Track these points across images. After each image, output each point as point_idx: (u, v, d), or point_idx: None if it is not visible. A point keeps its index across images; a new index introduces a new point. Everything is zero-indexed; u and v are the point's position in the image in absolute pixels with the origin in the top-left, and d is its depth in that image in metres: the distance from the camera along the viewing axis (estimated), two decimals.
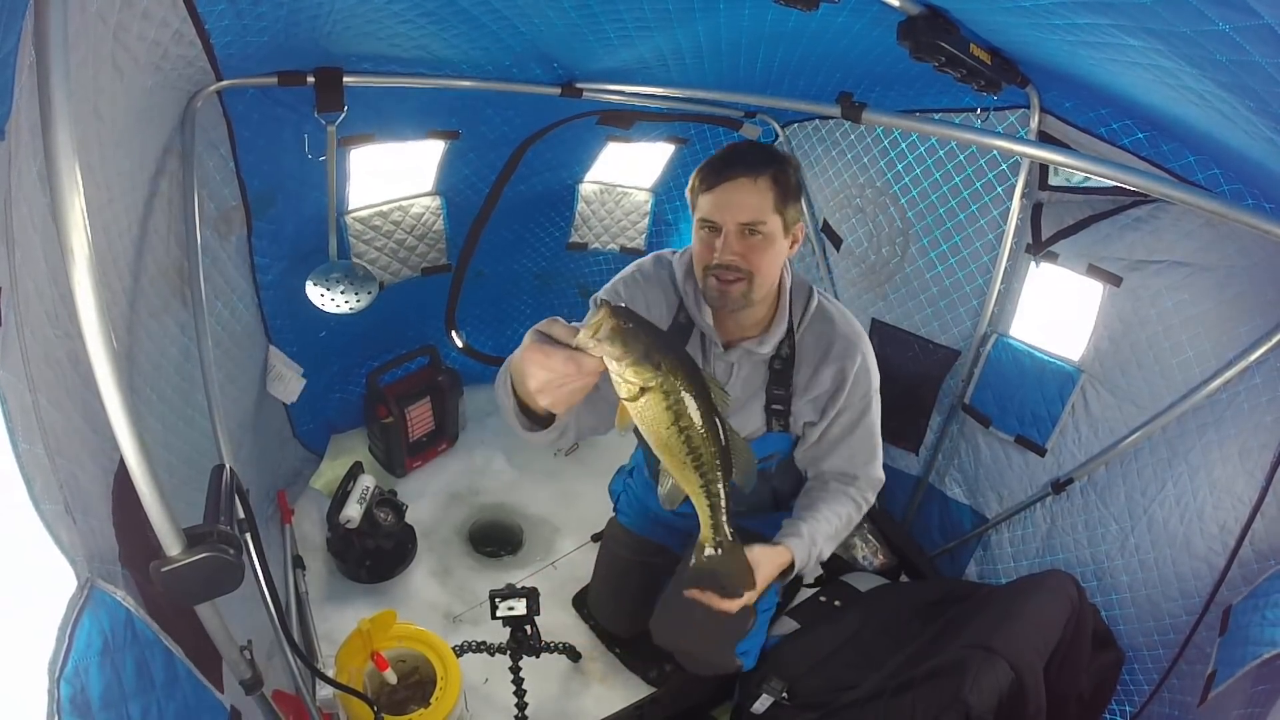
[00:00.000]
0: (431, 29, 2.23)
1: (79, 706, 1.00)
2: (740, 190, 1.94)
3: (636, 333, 1.27)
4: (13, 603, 1.02)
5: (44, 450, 1.07)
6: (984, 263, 3.02)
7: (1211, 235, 2.36)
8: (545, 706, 2.86)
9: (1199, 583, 2.41)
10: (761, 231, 1.96)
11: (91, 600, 1.07)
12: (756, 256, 1.98)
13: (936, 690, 2.16)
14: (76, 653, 1.01)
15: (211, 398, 2.11)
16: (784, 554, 2.09)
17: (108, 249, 1.62)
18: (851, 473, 2.36)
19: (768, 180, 1.94)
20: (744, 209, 1.94)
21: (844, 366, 2.19)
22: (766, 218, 1.95)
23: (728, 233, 1.96)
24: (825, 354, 2.20)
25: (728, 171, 1.95)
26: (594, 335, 1.25)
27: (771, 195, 1.94)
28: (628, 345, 1.26)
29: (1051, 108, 2.44)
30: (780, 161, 1.98)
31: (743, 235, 1.96)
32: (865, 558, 3.46)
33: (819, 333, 2.21)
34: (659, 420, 1.35)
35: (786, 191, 1.96)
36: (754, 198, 1.93)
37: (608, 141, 3.68)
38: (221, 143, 2.39)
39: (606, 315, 1.25)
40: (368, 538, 3.19)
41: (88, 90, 1.41)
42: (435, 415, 3.95)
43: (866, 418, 2.32)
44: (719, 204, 1.96)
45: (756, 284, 2.01)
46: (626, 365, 1.27)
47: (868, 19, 2.04)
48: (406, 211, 3.40)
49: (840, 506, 2.28)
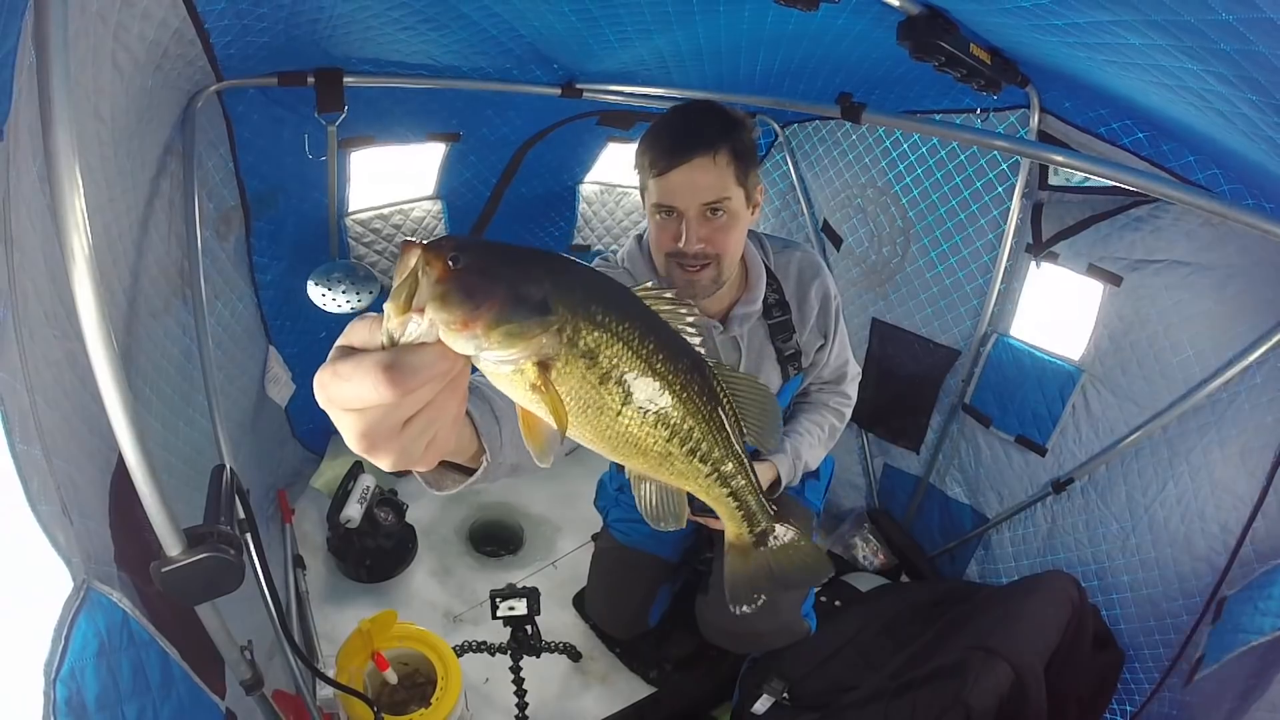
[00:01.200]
0: (432, 34, 2.23)
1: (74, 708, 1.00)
2: (698, 170, 1.75)
3: (485, 265, 0.69)
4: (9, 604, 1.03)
5: (41, 451, 1.07)
6: (984, 262, 3.02)
7: (1211, 235, 2.36)
8: (546, 706, 2.86)
9: (1200, 582, 2.41)
10: (725, 209, 1.81)
11: (88, 602, 1.07)
12: (722, 237, 1.84)
13: (937, 691, 2.17)
14: (72, 654, 1.01)
15: (212, 398, 2.11)
16: (769, 470, 2.11)
17: (108, 249, 1.62)
18: (837, 374, 2.37)
19: (727, 154, 1.76)
20: (705, 190, 1.78)
21: (823, 282, 2.17)
22: (730, 193, 1.79)
23: (689, 219, 1.80)
24: (801, 278, 2.15)
25: (683, 153, 1.75)
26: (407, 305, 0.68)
27: (733, 169, 1.78)
28: (477, 294, 0.67)
29: (1051, 108, 2.44)
30: (735, 127, 1.80)
31: (705, 218, 1.81)
32: (866, 558, 3.47)
33: (788, 262, 2.15)
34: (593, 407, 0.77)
35: (747, 159, 1.81)
36: (714, 177, 1.76)
37: (608, 142, 3.68)
38: (221, 143, 2.39)
39: (421, 259, 0.68)
40: (368, 537, 3.19)
41: (88, 90, 1.41)
42: None
43: (840, 323, 2.28)
44: (676, 188, 1.79)
45: (725, 265, 1.89)
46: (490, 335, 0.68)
47: (868, 19, 2.04)
48: (407, 215, 3.39)
49: (822, 418, 2.33)
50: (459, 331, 0.66)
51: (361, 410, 0.67)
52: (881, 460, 3.74)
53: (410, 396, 0.66)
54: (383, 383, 0.64)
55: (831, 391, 2.38)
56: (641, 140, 1.85)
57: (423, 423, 0.70)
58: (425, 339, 0.67)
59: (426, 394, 0.68)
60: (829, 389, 2.39)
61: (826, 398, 2.37)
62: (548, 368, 0.71)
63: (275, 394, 3.07)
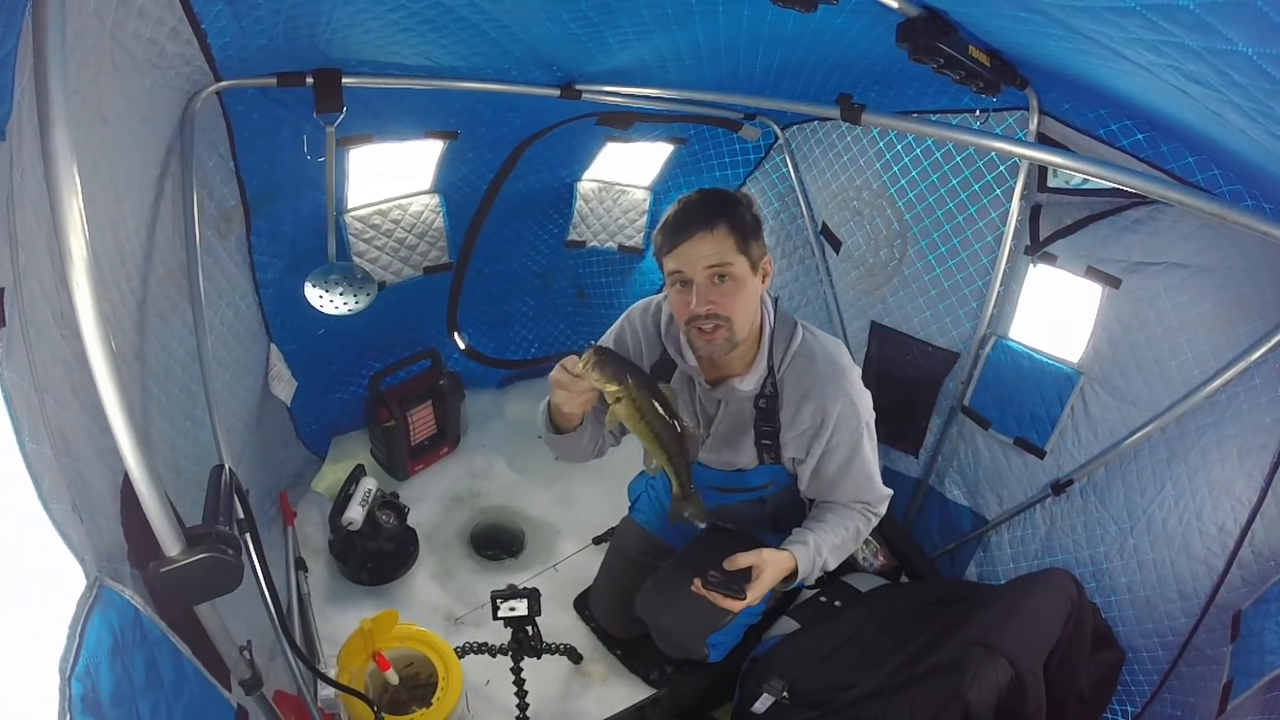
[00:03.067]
0: (431, 36, 2.24)
1: (90, 705, 1.00)
2: (699, 244, 2.03)
3: (608, 362, 1.95)
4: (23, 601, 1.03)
5: (51, 450, 1.07)
6: (983, 265, 3.03)
7: (1211, 237, 2.36)
8: (546, 707, 2.86)
9: (1198, 584, 2.41)
10: (730, 274, 2.06)
11: (100, 599, 1.08)
12: (730, 301, 2.07)
13: (936, 687, 2.17)
14: (87, 651, 1.02)
15: (211, 397, 2.10)
16: (788, 560, 2.23)
17: (116, 250, 1.62)
18: (858, 499, 2.44)
19: (724, 229, 2.03)
20: (708, 257, 2.03)
21: (825, 405, 2.27)
22: (731, 259, 2.04)
23: (698, 284, 2.06)
24: (806, 393, 2.27)
25: (683, 231, 2.05)
26: (584, 365, 1.95)
27: (732, 240, 2.04)
28: (603, 369, 1.94)
29: (1050, 110, 2.44)
30: (732, 206, 2.09)
31: (713, 283, 2.06)
32: (865, 559, 3.46)
33: (800, 370, 2.28)
34: (630, 417, 2.00)
35: (745, 232, 2.07)
36: (714, 246, 2.03)
37: (606, 141, 3.69)
38: (221, 143, 2.40)
39: (591, 352, 1.95)
40: (369, 540, 3.19)
41: (90, 91, 1.41)
42: (437, 419, 3.96)
43: (859, 456, 2.37)
44: (683, 259, 2.06)
45: (736, 326, 2.11)
46: (603, 382, 1.95)
47: (866, 20, 2.04)
48: (406, 210, 3.40)
49: (848, 520, 2.40)
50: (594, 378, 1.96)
51: (564, 391, 2.02)
52: (881, 463, 3.72)
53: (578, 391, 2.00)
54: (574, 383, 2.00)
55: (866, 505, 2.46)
56: (657, 231, 2.18)
57: (581, 401, 2.05)
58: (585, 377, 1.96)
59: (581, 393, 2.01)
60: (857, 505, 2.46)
61: (858, 508, 2.45)
62: (618, 399, 1.97)
63: (279, 391, 3.07)
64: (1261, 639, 2.06)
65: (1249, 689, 1.99)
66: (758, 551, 2.18)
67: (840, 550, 2.38)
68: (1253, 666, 2.02)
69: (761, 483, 2.53)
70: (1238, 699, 2.03)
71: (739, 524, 2.66)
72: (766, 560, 2.16)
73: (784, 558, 2.22)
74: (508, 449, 4.22)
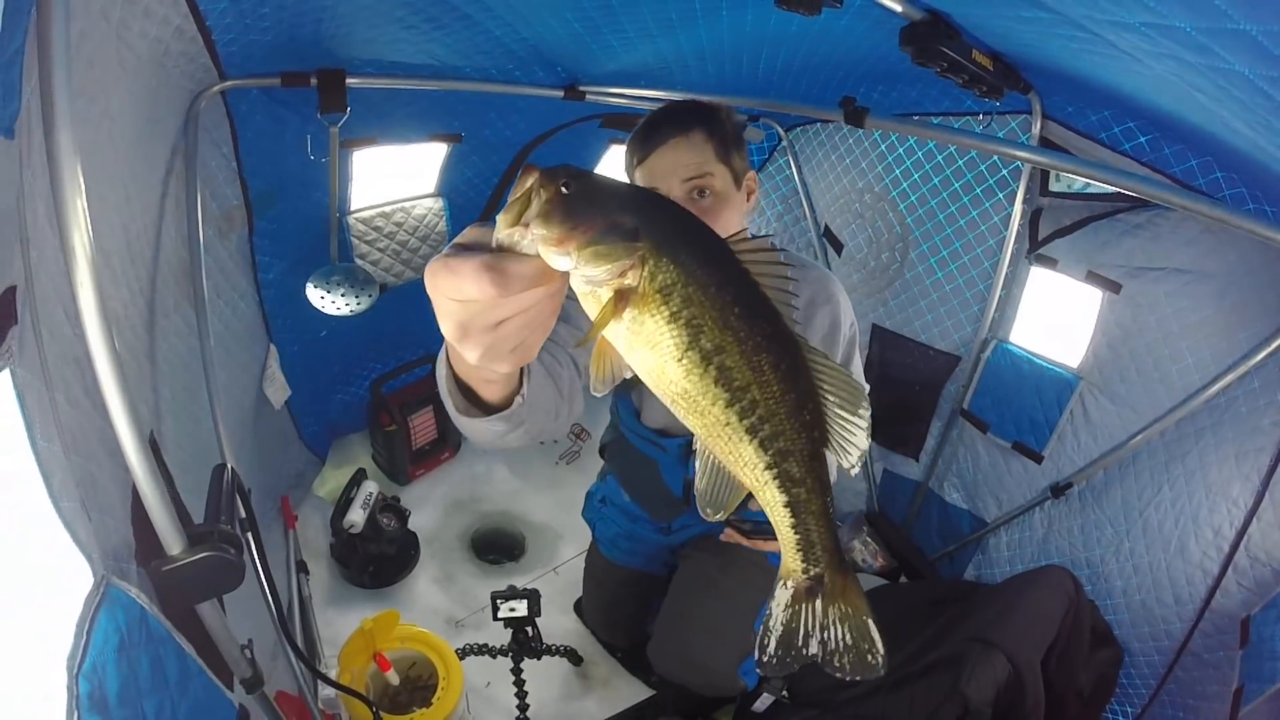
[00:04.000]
0: (435, 34, 2.24)
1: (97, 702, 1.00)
2: (674, 150, 1.77)
3: (590, 194, 0.75)
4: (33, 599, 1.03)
5: (61, 448, 1.07)
6: (985, 268, 3.03)
7: (1211, 242, 2.37)
8: (547, 708, 2.86)
9: (1193, 589, 2.41)
10: (711, 189, 1.78)
11: (107, 597, 1.08)
12: (712, 219, 1.75)
13: (935, 684, 2.18)
14: (94, 649, 1.02)
15: (213, 396, 2.11)
16: None
17: (126, 249, 1.62)
18: None
19: (701, 134, 1.77)
20: (685, 167, 1.76)
21: (833, 309, 2.05)
22: (711, 169, 1.77)
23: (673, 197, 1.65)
24: (813, 299, 2.04)
25: (656, 136, 1.78)
26: (518, 219, 0.73)
27: (710, 147, 1.77)
28: (577, 217, 0.72)
29: (1053, 113, 2.44)
30: (710, 111, 1.83)
31: (692, 199, 1.78)
32: (865, 560, 3.47)
33: (800, 281, 1.94)
34: (662, 346, 0.75)
35: (726, 140, 1.80)
36: (691, 154, 1.76)
37: (610, 144, 3.69)
38: (224, 142, 2.40)
39: (537, 182, 0.74)
40: (371, 543, 3.19)
41: (98, 90, 1.41)
42: (438, 424, 3.96)
43: (855, 341, 2.15)
44: (656, 171, 1.78)
45: None
46: (581, 254, 0.72)
47: (869, 23, 2.04)
48: (409, 213, 3.40)
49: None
50: (554, 247, 0.71)
51: (463, 303, 0.72)
52: (881, 465, 3.74)
53: (508, 300, 0.72)
54: (485, 281, 0.70)
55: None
56: (628, 143, 1.87)
57: (515, 326, 0.76)
58: (525, 247, 0.73)
59: (522, 301, 0.73)
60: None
61: None
62: (624, 296, 0.74)
63: (271, 394, 3.07)
64: (1273, 645, 2.06)
65: (1261, 695, 1.99)
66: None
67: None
68: (1264, 673, 2.02)
69: None
70: (1249, 705, 2.02)
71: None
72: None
73: None
74: (508, 455, 4.23)
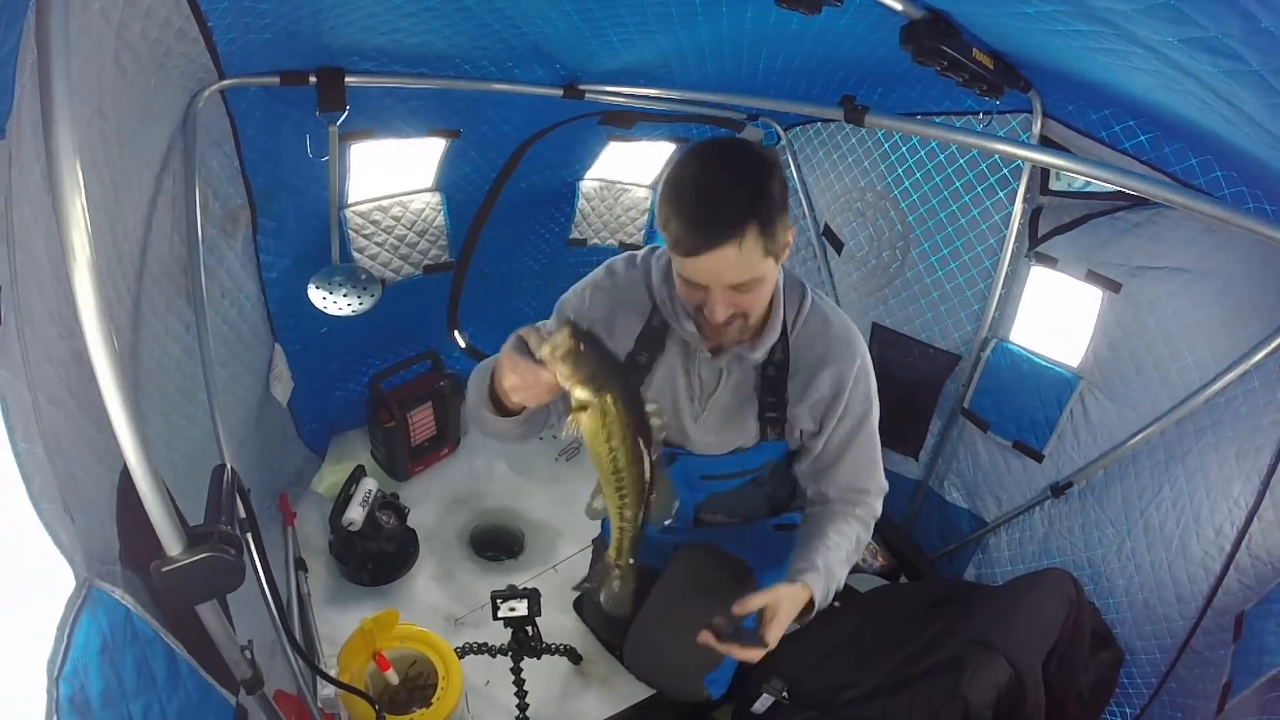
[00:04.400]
0: (434, 25, 2.23)
1: (78, 706, 1.00)
2: (725, 259, 1.62)
3: (588, 356, 1.44)
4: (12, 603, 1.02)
5: (43, 450, 1.06)
6: (985, 267, 3.03)
7: (1212, 241, 2.36)
8: (546, 707, 2.86)
9: (1195, 587, 2.41)
10: (755, 283, 1.72)
11: (90, 599, 1.07)
12: (749, 300, 1.76)
13: (935, 686, 2.17)
14: (75, 652, 1.01)
15: (213, 396, 2.10)
16: (803, 593, 1.91)
17: (113, 247, 1.62)
18: (857, 486, 2.19)
19: (753, 235, 1.60)
20: (733, 275, 1.66)
21: (841, 371, 2.00)
22: (758, 271, 1.68)
23: (714, 294, 1.71)
24: (822, 358, 1.99)
25: (712, 238, 1.60)
26: (551, 351, 1.43)
27: (760, 245, 1.62)
28: (578, 366, 1.43)
29: (1054, 112, 2.44)
30: (759, 195, 1.61)
31: (732, 291, 1.70)
32: (865, 560, 3.47)
33: (814, 334, 2.00)
34: (594, 436, 1.50)
35: (774, 225, 1.63)
36: (742, 263, 1.63)
37: (609, 140, 3.68)
38: (225, 141, 2.39)
39: (565, 336, 1.42)
40: (370, 540, 3.19)
41: (91, 89, 1.41)
42: (437, 420, 3.95)
43: (868, 423, 2.13)
44: (704, 273, 1.67)
45: (752, 319, 1.85)
46: (574, 383, 1.44)
47: (870, 22, 2.04)
48: (407, 207, 3.40)
49: (848, 528, 2.12)
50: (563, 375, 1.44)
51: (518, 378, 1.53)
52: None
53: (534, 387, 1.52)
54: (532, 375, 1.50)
55: (857, 501, 2.20)
56: (662, 199, 1.68)
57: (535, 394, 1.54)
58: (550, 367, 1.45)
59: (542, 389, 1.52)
60: (854, 496, 2.21)
61: (851, 508, 2.19)
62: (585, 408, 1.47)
63: (277, 392, 3.07)
64: (1262, 639, 2.06)
65: (1248, 688, 1.99)
66: (772, 590, 1.87)
67: (847, 563, 2.08)
68: (1252, 666, 2.02)
69: (760, 462, 2.22)
70: (1236, 698, 2.03)
71: (733, 513, 2.42)
72: (781, 597, 1.85)
73: (798, 590, 1.90)
74: (508, 451, 4.22)
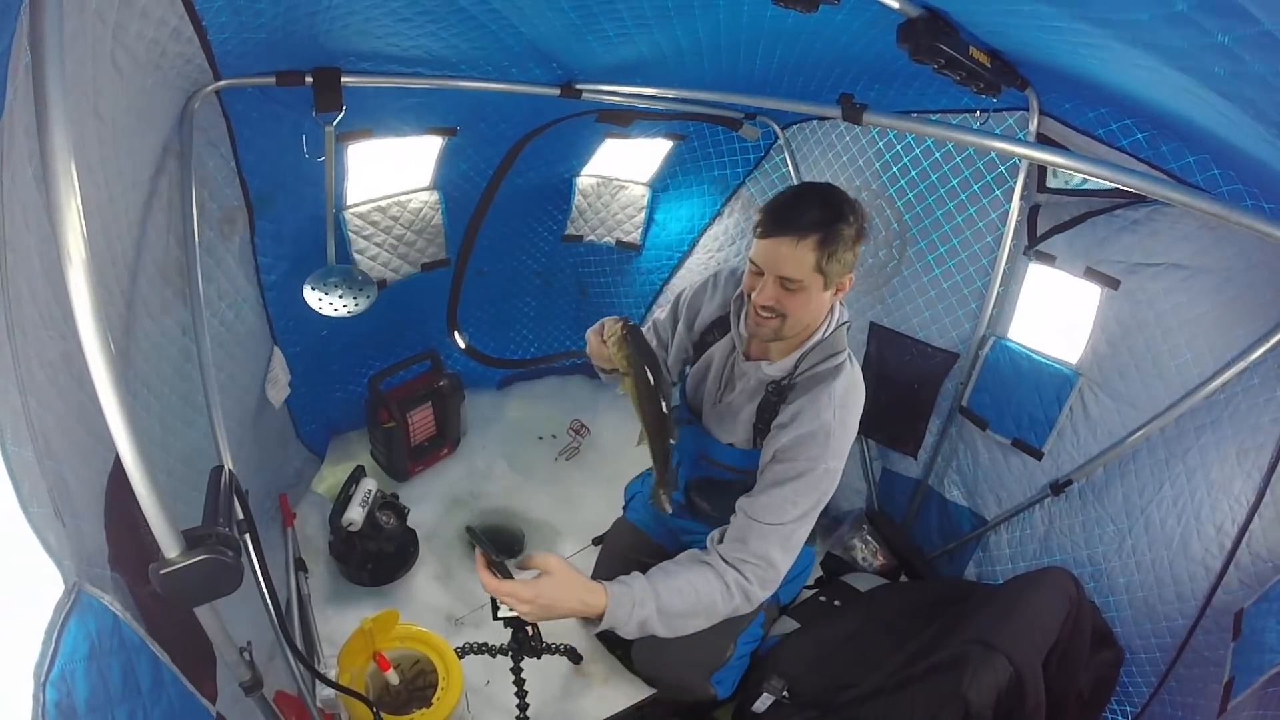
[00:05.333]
0: (430, 27, 2.23)
1: (64, 711, 0.99)
2: (783, 247, 1.99)
3: (629, 344, 2.12)
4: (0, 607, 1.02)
5: (33, 453, 1.06)
6: (982, 265, 3.03)
7: (1210, 238, 2.36)
8: (547, 707, 2.85)
9: (1195, 585, 2.41)
10: (799, 287, 2.03)
11: (79, 604, 1.07)
12: (791, 302, 2.06)
13: (936, 686, 2.18)
14: (63, 657, 1.01)
15: (210, 398, 2.10)
16: (598, 596, 1.95)
17: (107, 249, 1.61)
18: (746, 541, 2.12)
19: (813, 242, 1.97)
20: (783, 266, 2.01)
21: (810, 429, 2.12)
22: (804, 276, 2.01)
23: (767, 279, 2.05)
24: (802, 409, 2.17)
25: (778, 228, 1.99)
26: (609, 337, 2.15)
27: (814, 256, 1.98)
28: (620, 349, 2.12)
29: (1050, 110, 2.44)
30: (834, 219, 1.99)
31: (780, 284, 2.04)
32: (865, 559, 3.46)
33: (813, 386, 2.20)
34: (631, 395, 2.18)
35: (834, 250, 1.99)
36: (794, 259, 1.99)
37: (606, 138, 3.68)
38: (221, 142, 2.38)
39: (620, 328, 2.13)
40: (370, 540, 3.19)
41: (87, 90, 1.40)
42: (437, 420, 3.95)
43: (798, 483, 2.12)
44: (764, 255, 2.04)
45: (789, 324, 2.11)
46: (619, 358, 2.14)
47: (866, 19, 2.04)
48: (405, 206, 3.39)
49: (705, 584, 2.06)
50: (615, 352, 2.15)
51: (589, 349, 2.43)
52: (880, 464, 3.74)
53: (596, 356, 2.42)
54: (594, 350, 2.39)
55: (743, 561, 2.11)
56: (764, 205, 2.09)
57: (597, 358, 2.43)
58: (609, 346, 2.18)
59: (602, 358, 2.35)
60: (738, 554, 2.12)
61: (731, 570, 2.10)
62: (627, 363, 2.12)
63: (272, 395, 3.06)
64: (1263, 637, 2.06)
65: (1249, 687, 1.98)
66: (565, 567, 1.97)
67: (679, 616, 2.02)
68: (1253, 664, 2.02)
69: (749, 465, 2.32)
70: (1239, 697, 2.02)
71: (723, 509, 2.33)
72: (555, 571, 1.93)
73: (593, 593, 1.95)
74: (508, 450, 4.23)
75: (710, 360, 2.46)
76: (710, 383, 2.47)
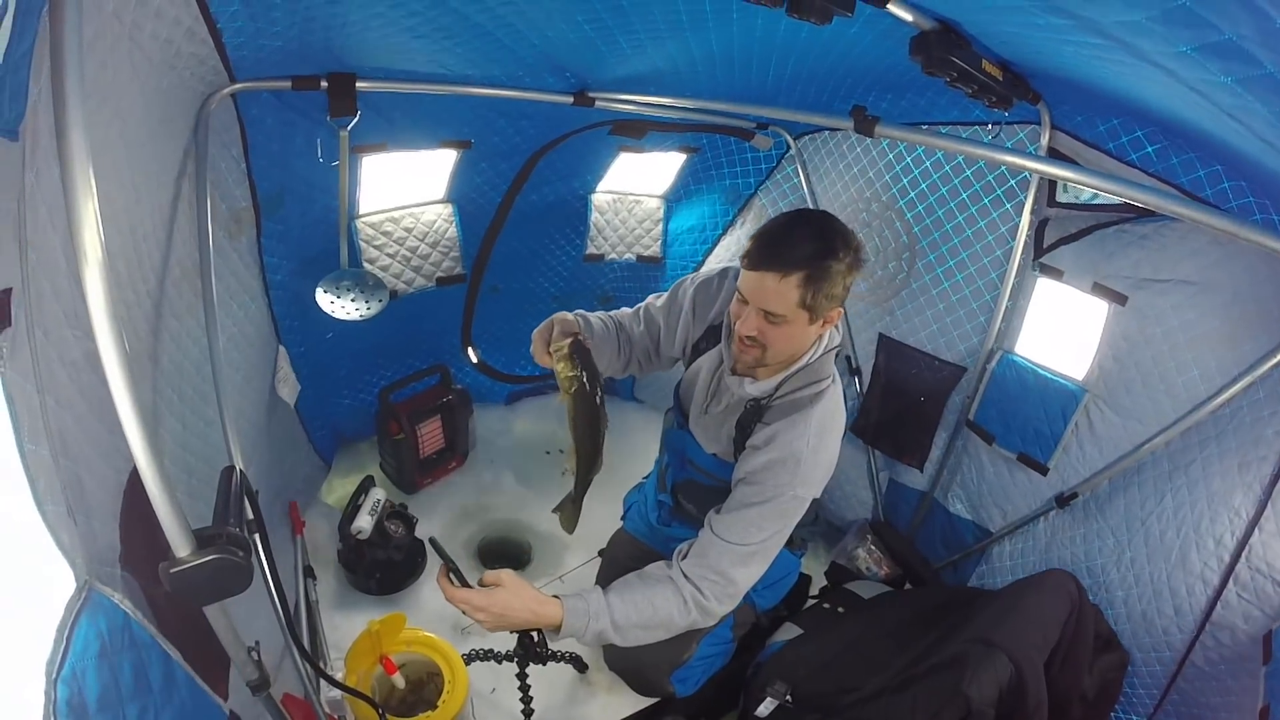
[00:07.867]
0: (445, 42, 2.25)
1: (75, 708, 1.00)
2: (768, 281, 1.93)
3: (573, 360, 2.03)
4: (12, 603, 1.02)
5: (49, 452, 1.07)
6: (991, 279, 3.03)
7: (1218, 254, 2.36)
8: (552, 713, 2.87)
9: (1193, 600, 2.40)
10: (781, 320, 1.98)
11: (90, 602, 1.07)
12: (773, 334, 2.02)
13: (937, 684, 2.19)
14: (74, 654, 1.01)
15: (223, 398, 2.10)
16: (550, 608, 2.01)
17: (134, 250, 1.62)
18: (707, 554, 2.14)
19: (798, 279, 1.91)
20: (767, 300, 1.96)
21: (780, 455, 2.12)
22: (788, 312, 1.96)
23: (750, 310, 2.01)
24: (776, 434, 2.15)
25: (764, 262, 1.94)
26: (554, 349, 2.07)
27: (799, 293, 1.92)
28: (563, 363, 2.04)
29: (1062, 124, 2.45)
30: (823, 255, 1.91)
31: (763, 317, 1.99)
32: (869, 569, 3.46)
33: (790, 412, 2.16)
34: (567, 410, 2.10)
35: (820, 286, 1.93)
36: (778, 294, 1.93)
37: (620, 151, 3.69)
38: (234, 144, 2.40)
39: (566, 345, 2.04)
40: (378, 549, 3.20)
41: (109, 91, 1.42)
42: (445, 433, 3.98)
43: (764, 507, 2.12)
44: (749, 286, 1.99)
45: (769, 355, 2.08)
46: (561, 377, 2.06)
47: (879, 32, 2.05)
48: (418, 218, 3.40)
49: (662, 600, 2.10)
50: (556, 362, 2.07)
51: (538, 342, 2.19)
52: (886, 475, 3.74)
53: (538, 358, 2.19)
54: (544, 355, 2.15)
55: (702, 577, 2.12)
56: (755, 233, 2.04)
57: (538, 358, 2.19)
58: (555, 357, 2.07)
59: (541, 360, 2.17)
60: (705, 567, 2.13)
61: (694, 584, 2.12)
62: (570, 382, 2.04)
63: (284, 394, 3.08)
64: None
65: None
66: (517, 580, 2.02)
67: (636, 631, 2.07)
68: None
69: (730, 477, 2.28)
70: None
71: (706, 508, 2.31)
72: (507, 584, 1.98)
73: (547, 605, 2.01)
74: (515, 464, 4.25)
75: (699, 370, 2.42)
76: (699, 392, 2.43)
